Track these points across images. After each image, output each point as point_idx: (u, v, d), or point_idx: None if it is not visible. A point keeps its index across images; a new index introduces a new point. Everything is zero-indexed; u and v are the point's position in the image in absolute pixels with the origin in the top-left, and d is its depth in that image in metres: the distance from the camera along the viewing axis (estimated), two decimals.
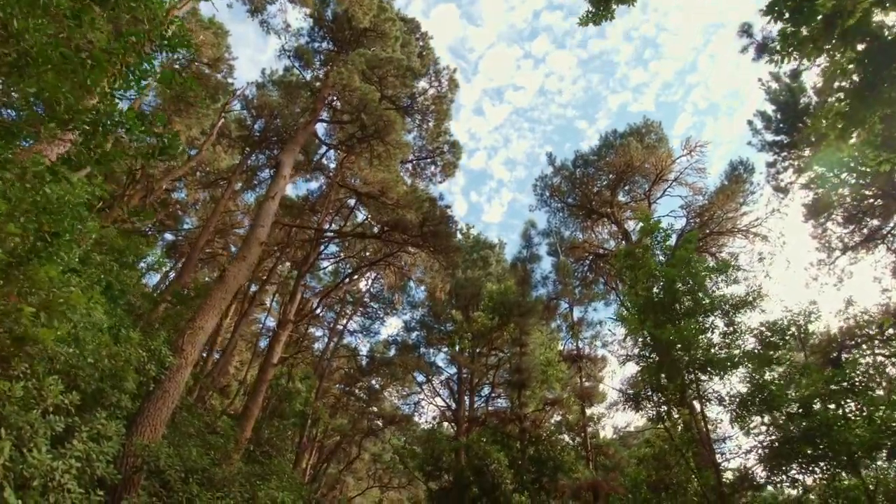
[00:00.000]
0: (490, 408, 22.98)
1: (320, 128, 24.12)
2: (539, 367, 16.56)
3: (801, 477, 7.46)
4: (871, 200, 15.71)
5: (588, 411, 14.02)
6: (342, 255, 27.31)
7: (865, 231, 16.33)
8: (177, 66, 28.02)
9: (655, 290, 9.57)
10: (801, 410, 7.18)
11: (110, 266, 9.33)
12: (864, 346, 12.18)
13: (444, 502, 14.22)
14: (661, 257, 10.44)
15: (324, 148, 21.75)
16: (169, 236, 35.52)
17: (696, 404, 8.78)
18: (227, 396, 26.62)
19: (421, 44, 24.77)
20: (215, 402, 23.10)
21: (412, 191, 18.07)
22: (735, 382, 8.47)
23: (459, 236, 24.17)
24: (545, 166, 34.47)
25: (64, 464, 6.97)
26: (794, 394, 7.40)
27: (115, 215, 15.38)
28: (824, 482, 7.14)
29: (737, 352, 8.51)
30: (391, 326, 52.26)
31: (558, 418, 16.03)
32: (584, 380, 15.17)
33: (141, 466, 8.69)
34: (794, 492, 7.94)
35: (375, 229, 23.05)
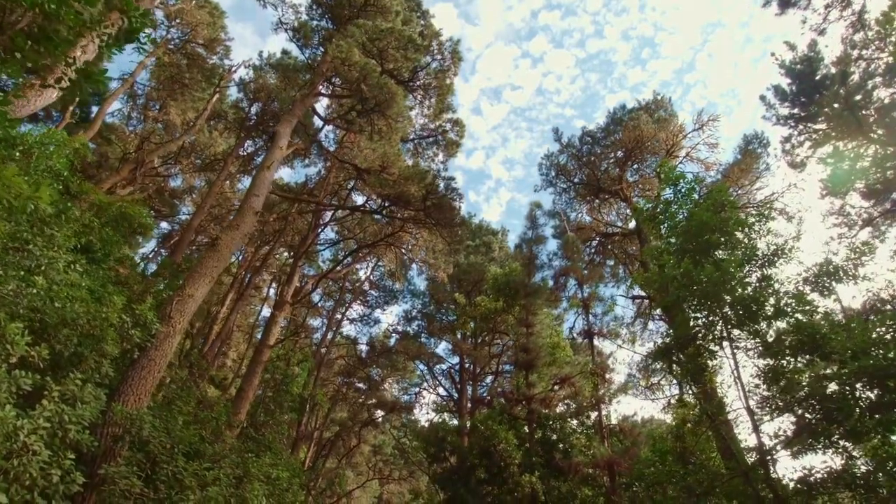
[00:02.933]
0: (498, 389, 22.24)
1: (320, 108, 23.46)
2: (546, 348, 15.89)
3: (845, 443, 6.76)
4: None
5: (601, 389, 13.37)
6: (341, 240, 26.60)
7: (888, 205, 15.68)
8: (170, 48, 27.32)
9: (684, 237, 8.85)
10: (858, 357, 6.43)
11: (90, 221, 8.60)
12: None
13: (448, 486, 13.53)
14: (686, 209, 9.74)
15: (322, 125, 20.99)
16: (165, 225, 34.84)
17: (730, 364, 8.08)
18: (224, 389, 25.89)
19: (423, 22, 24.07)
20: (210, 391, 22.36)
21: (414, 165, 17.37)
22: (768, 337, 7.74)
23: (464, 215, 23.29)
24: (552, 143, 33.62)
25: (31, 423, 6.27)
26: (848, 343, 6.66)
27: (107, 187, 14.65)
28: (877, 442, 6.44)
29: (774, 299, 7.79)
30: (391, 315, 51.55)
31: (569, 399, 15.34)
32: (595, 356, 14.53)
33: (122, 436, 7.97)
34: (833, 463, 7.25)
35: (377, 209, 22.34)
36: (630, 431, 13.22)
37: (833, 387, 6.51)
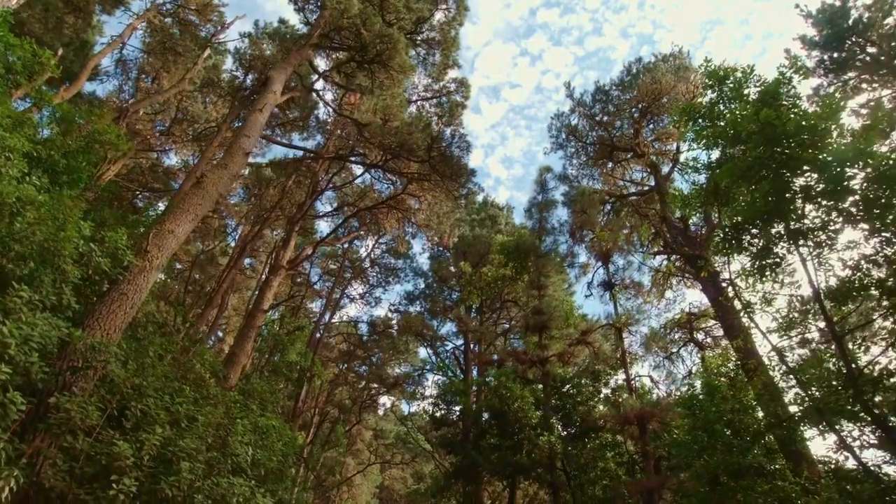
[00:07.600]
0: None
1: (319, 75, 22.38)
2: (560, 310, 14.77)
3: None
4: None
5: (626, 340, 12.29)
6: (339, 209, 25.46)
7: None
8: (161, 12, 26.21)
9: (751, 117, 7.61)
10: None
11: (51, 127, 7.50)
12: None
13: (457, 450, 12.40)
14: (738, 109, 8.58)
15: (317, 78, 19.88)
16: (161, 206, 33.71)
17: (806, 266, 6.83)
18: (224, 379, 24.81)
19: None
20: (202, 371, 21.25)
21: (418, 116, 16.24)
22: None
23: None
24: (562, 102, 32.41)
25: None
26: None
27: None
28: None
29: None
30: (393, 293, 50.24)
31: (587, 360, 14.23)
32: (618, 309, 13.49)
33: (83, 368, 6.86)
34: None
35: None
36: (662, 385, 12.15)
37: None
